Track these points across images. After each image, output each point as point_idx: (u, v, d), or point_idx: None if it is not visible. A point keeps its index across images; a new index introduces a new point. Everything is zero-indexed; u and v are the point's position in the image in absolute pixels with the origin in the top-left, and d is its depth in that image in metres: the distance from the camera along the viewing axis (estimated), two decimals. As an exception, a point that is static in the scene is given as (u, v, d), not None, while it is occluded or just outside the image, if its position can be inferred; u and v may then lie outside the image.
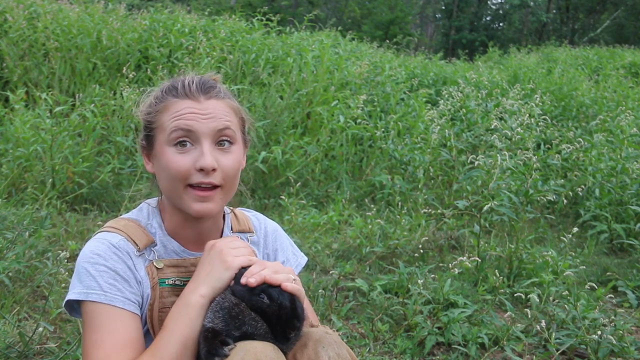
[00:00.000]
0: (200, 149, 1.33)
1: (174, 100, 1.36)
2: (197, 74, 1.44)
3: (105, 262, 1.32)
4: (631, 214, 4.55)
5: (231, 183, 1.39)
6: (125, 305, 1.30)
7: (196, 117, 1.33)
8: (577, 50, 14.39)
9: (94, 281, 1.30)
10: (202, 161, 1.32)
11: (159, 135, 1.37)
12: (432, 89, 8.15)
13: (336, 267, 3.67)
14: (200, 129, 1.33)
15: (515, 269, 3.59)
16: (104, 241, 1.35)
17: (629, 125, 5.52)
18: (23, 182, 4.42)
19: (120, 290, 1.31)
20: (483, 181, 4.35)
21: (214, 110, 1.36)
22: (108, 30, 6.85)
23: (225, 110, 1.38)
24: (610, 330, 2.68)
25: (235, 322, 1.23)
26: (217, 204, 1.38)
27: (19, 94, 5.13)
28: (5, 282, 2.69)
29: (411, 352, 2.69)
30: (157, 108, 1.38)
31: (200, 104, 1.35)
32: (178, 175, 1.33)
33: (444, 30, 32.05)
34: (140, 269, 1.37)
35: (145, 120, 1.41)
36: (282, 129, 5.59)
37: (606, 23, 28.35)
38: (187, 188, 1.35)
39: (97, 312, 1.28)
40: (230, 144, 1.38)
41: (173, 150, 1.34)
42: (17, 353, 2.21)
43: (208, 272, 1.30)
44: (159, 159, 1.37)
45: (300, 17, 19.27)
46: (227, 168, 1.36)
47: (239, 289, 1.27)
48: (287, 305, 1.24)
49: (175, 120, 1.34)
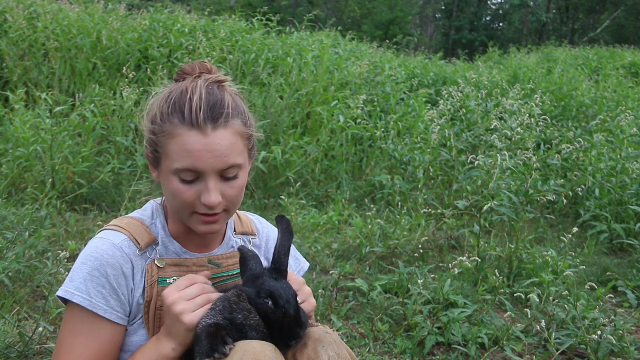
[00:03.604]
0: (206, 184, 1.31)
1: (181, 128, 1.30)
2: (206, 91, 1.33)
3: (100, 266, 1.33)
4: (631, 214, 4.55)
5: (236, 205, 1.41)
6: (106, 314, 1.33)
7: (203, 155, 1.29)
8: (577, 50, 14.40)
9: (84, 284, 1.32)
10: (207, 199, 1.31)
11: (165, 160, 1.34)
12: (432, 89, 8.15)
13: (336, 267, 3.67)
14: (206, 168, 1.30)
15: (515, 269, 3.59)
16: (107, 241, 1.37)
17: (629, 125, 5.53)
18: (23, 182, 4.42)
19: (105, 298, 1.32)
20: (483, 181, 4.35)
21: (220, 145, 1.30)
22: (108, 30, 6.85)
23: (232, 142, 1.32)
24: (610, 331, 2.68)
25: (230, 308, 1.25)
26: (223, 224, 1.41)
27: (19, 94, 5.13)
28: (5, 282, 2.69)
29: (411, 352, 2.69)
30: (162, 128, 1.33)
31: (207, 138, 1.29)
32: (183, 204, 1.34)
33: (444, 30, 32.07)
34: (138, 272, 1.38)
35: (150, 137, 1.36)
36: (282, 129, 5.59)
37: (606, 23, 28.35)
38: (193, 214, 1.36)
39: (78, 315, 1.33)
40: (235, 175, 1.36)
41: (179, 180, 1.32)
42: (17, 353, 2.21)
43: (174, 331, 1.29)
44: (165, 181, 1.37)
45: (300, 17, 19.27)
46: (232, 197, 1.36)
47: (246, 290, 1.29)
48: (291, 314, 1.25)
49: (182, 157, 1.29)
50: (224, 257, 1.48)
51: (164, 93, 1.38)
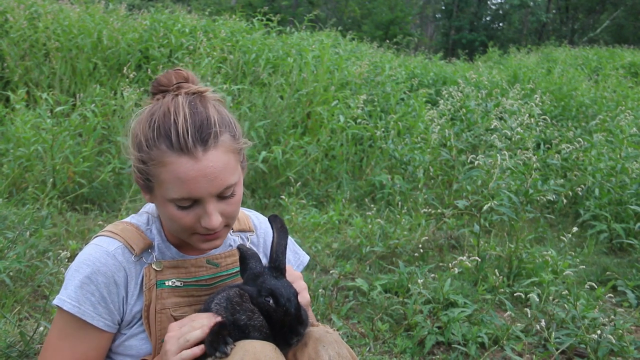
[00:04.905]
0: (204, 209, 1.29)
1: (170, 155, 1.25)
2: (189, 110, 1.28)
3: (91, 274, 1.34)
4: (630, 213, 4.55)
5: (235, 218, 1.40)
6: (93, 321, 1.34)
7: (197, 182, 1.25)
8: (576, 50, 14.41)
9: (74, 291, 1.33)
10: (207, 223, 1.30)
11: (158, 188, 1.31)
12: (432, 89, 8.16)
13: (336, 267, 3.68)
14: (202, 194, 1.27)
15: (515, 268, 3.60)
16: (100, 248, 1.37)
17: (628, 125, 5.53)
18: (24, 182, 4.43)
19: (94, 306, 1.33)
20: (483, 181, 4.35)
21: (214, 168, 1.26)
22: (109, 30, 6.86)
23: (225, 161, 1.28)
24: (609, 330, 2.68)
25: (232, 309, 1.26)
26: (224, 237, 1.41)
27: (19, 94, 5.13)
28: (6, 281, 2.69)
29: (411, 351, 2.69)
30: (150, 156, 1.27)
31: (200, 162, 1.25)
32: (183, 228, 1.33)
33: (443, 30, 32.07)
34: (132, 279, 1.38)
35: (139, 166, 1.31)
36: (282, 129, 5.59)
37: (606, 23, 28.36)
38: (193, 234, 1.35)
39: (67, 320, 1.34)
40: (232, 193, 1.33)
41: (176, 208, 1.30)
42: (18, 352, 2.22)
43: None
44: (160, 206, 1.35)
45: (301, 17, 19.27)
46: (230, 213, 1.35)
47: (247, 289, 1.31)
48: (292, 312, 1.26)
49: (176, 186, 1.26)
50: (222, 257, 1.48)
51: (145, 115, 1.33)
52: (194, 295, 1.41)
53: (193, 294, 1.41)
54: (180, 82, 1.36)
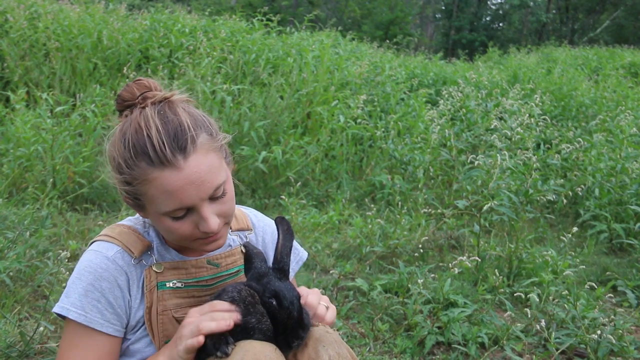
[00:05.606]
0: (199, 214, 1.28)
1: (152, 171, 1.23)
2: (160, 120, 1.25)
3: (95, 281, 1.33)
4: (630, 213, 4.55)
5: (232, 214, 1.39)
6: (102, 328, 1.33)
7: (185, 190, 1.24)
8: (576, 50, 14.42)
9: (79, 299, 1.32)
10: (205, 227, 1.29)
11: (150, 205, 1.29)
12: (432, 89, 8.16)
13: (336, 267, 3.68)
14: (194, 201, 1.26)
15: (515, 268, 3.60)
16: (100, 254, 1.36)
17: (628, 125, 5.53)
18: (24, 182, 4.43)
19: (101, 312, 1.33)
20: (483, 181, 4.35)
21: (199, 172, 1.24)
22: (109, 30, 6.86)
23: (208, 162, 1.27)
24: (609, 330, 2.68)
25: (245, 309, 1.26)
26: (226, 235, 1.41)
27: (19, 94, 5.14)
28: (6, 281, 2.69)
29: (411, 351, 2.70)
30: (133, 175, 1.26)
31: (183, 171, 1.23)
32: (182, 237, 1.33)
33: (443, 30, 32.08)
34: (134, 282, 1.38)
35: (125, 188, 1.30)
36: (282, 129, 5.59)
37: (606, 23, 28.37)
38: (194, 240, 1.35)
39: (75, 330, 1.33)
40: (223, 192, 1.32)
41: (171, 219, 1.29)
42: (18, 352, 2.22)
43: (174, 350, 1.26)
44: (155, 221, 1.34)
45: (301, 17, 19.27)
46: (226, 211, 1.35)
47: (255, 287, 1.31)
48: (295, 315, 1.26)
49: (166, 199, 1.25)
50: (222, 257, 1.48)
51: (117, 135, 1.30)
52: (195, 295, 1.41)
53: (194, 294, 1.41)
54: (144, 92, 1.31)
